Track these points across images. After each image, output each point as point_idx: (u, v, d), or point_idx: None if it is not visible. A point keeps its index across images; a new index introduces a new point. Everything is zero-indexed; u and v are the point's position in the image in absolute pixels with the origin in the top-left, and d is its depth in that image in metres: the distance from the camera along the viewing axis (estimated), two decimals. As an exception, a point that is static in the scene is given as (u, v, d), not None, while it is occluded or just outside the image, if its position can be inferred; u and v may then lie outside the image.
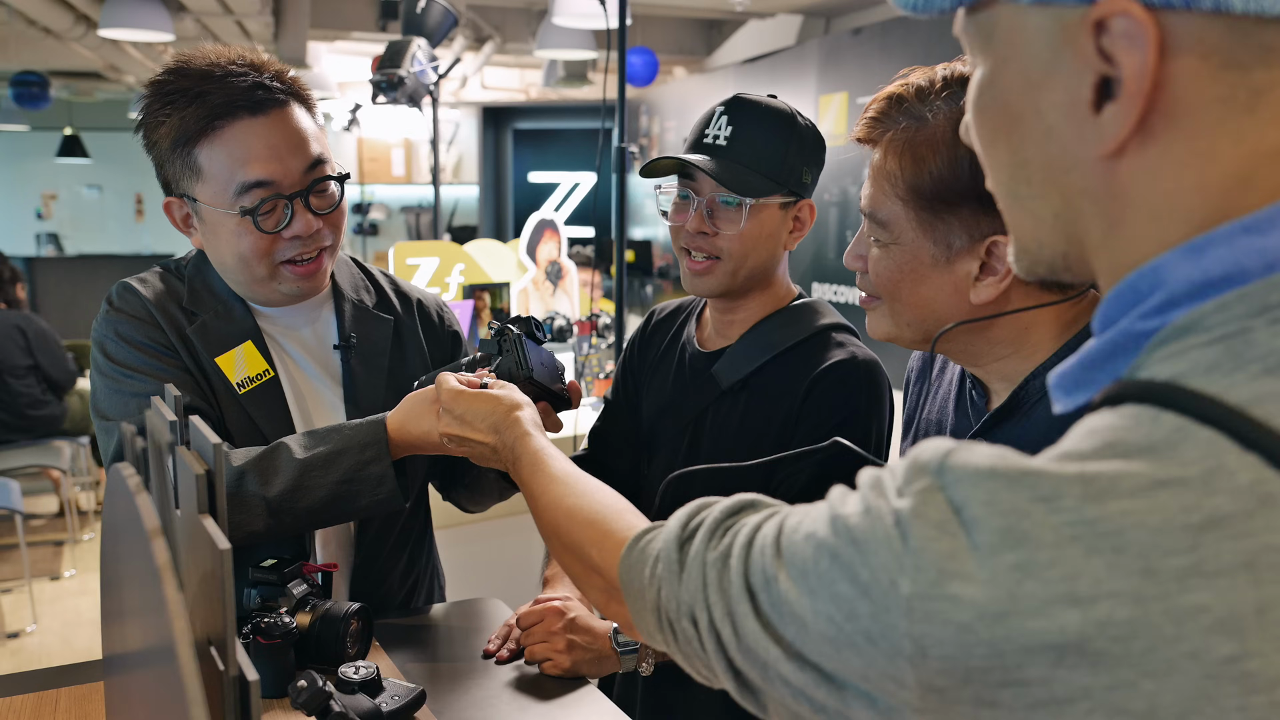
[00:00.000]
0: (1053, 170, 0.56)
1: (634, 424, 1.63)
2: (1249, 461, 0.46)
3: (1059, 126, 0.55)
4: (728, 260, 1.45)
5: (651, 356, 1.64)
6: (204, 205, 1.32)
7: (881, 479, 0.56)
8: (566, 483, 0.98)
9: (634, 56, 4.95)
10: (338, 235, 1.39)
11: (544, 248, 3.85)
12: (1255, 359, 0.48)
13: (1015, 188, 0.60)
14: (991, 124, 0.59)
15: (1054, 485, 0.48)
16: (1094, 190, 0.55)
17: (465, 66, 7.65)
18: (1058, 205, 0.57)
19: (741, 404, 1.48)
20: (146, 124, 1.32)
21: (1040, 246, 0.60)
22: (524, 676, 1.33)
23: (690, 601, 0.68)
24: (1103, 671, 0.45)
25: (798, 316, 1.49)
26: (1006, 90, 0.57)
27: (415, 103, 3.41)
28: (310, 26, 6.00)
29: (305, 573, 1.34)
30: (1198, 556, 0.45)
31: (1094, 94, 0.53)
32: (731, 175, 1.40)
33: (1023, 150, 0.58)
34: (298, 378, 1.44)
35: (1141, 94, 0.51)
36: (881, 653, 0.52)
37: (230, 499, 1.25)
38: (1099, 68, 0.52)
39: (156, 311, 1.35)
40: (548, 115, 9.45)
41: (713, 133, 1.44)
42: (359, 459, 1.28)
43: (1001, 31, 0.56)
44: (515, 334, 1.33)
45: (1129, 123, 0.51)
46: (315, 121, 1.39)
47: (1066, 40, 0.53)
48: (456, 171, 9.48)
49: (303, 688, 0.98)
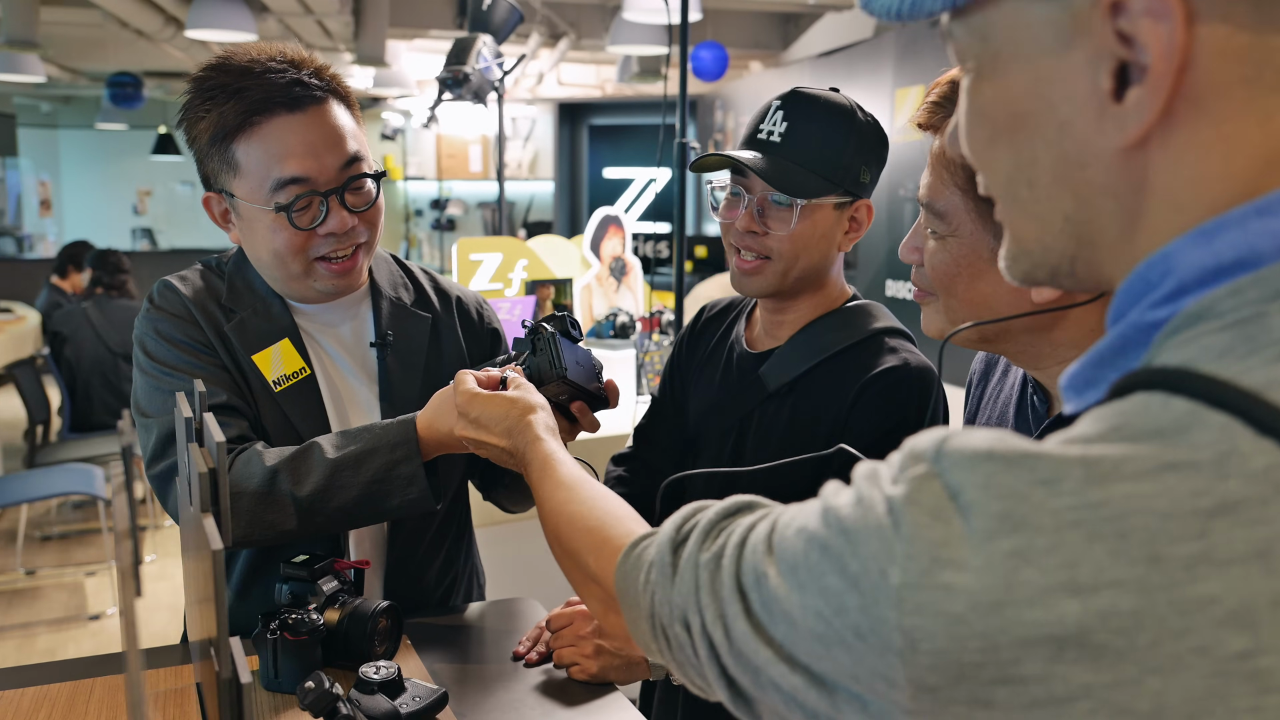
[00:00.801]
0: (1066, 167, 0.53)
1: (679, 422, 1.60)
2: (1264, 446, 0.43)
3: (1074, 121, 0.52)
4: (778, 260, 1.41)
5: (700, 355, 1.61)
6: (241, 201, 1.32)
7: (878, 470, 0.54)
8: (571, 489, 0.96)
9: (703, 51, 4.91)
10: (374, 233, 1.39)
11: (608, 243, 3.84)
12: (1271, 343, 0.45)
13: (1015, 190, 0.56)
14: (991, 127, 0.56)
15: (1055, 468, 0.45)
16: (1113, 185, 0.52)
17: (541, 63, 7.69)
18: (1069, 206, 0.54)
19: (788, 408, 1.44)
20: (187, 119, 1.33)
21: (1045, 250, 0.57)
22: (551, 681, 1.31)
23: (683, 605, 0.66)
24: (1105, 667, 0.43)
25: (850, 319, 1.44)
26: (1010, 89, 0.54)
27: (481, 99, 3.42)
28: (389, 25, 6.10)
29: (337, 569, 1.34)
30: (1208, 543, 0.42)
31: (1114, 81, 0.50)
32: (783, 175, 1.36)
33: (1030, 149, 0.54)
34: (334, 375, 1.44)
35: (1169, 73, 0.48)
36: (871, 649, 0.49)
37: (263, 498, 1.26)
38: (1118, 52, 0.49)
39: (195, 309, 1.37)
40: (623, 111, 9.46)
41: (767, 128, 1.40)
42: (389, 459, 1.27)
43: (1001, 30, 0.54)
44: (550, 332, 1.31)
45: (1155, 108, 0.48)
46: (355, 119, 1.39)
47: (1078, 28, 0.50)
48: (532, 167, 9.55)
49: (310, 689, 0.98)
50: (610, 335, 3.69)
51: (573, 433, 1.35)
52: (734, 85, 7.86)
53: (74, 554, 4.61)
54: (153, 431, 1.32)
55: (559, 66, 7.88)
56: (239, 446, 1.31)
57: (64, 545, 4.72)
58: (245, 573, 1.40)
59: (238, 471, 1.27)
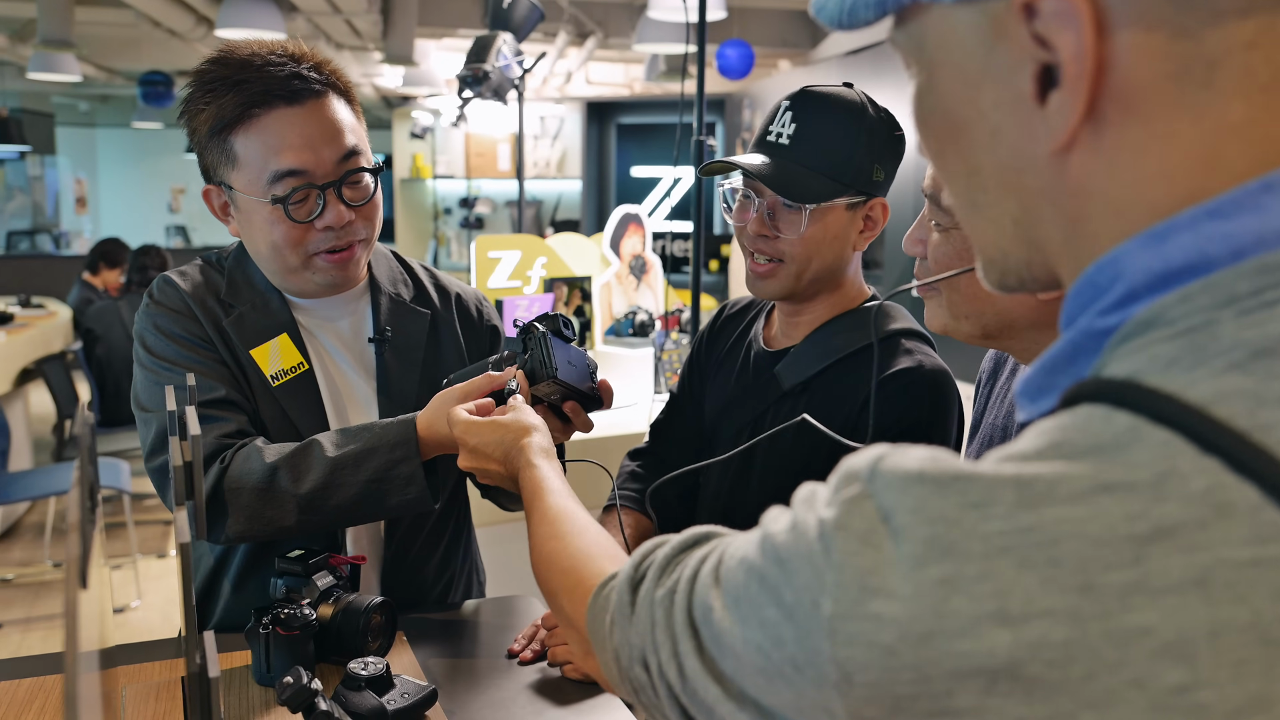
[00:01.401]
0: (1005, 173, 0.52)
1: (696, 419, 1.59)
2: (1206, 465, 0.41)
3: (1004, 126, 0.50)
4: (791, 264, 1.39)
5: (718, 352, 1.60)
6: (239, 193, 1.33)
7: (815, 491, 0.52)
8: (553, 523, 0.94)
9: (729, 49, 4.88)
10: (372, 227, 1.39)
11: (628, 241, 3.83)
12: (1219, 353, 0.43)
13: (973, 196, 0.55)
14: (937, 135, 0.55)
15: (986, 490, 0.43)
16: (1050, 190, 0.50)
17: (569, 62, 7.70)
18: (1015, 210, 0.53)
19: (801, 408, 1.42)
20: (187, 111, 1.34)
21: (1005, 255, 0.55)
22: (545, 679, 1.31)
23: (641, 645, 0.65)
24: (1038, 700, 0.41)
25: (866, 320, 1.43)
26: (945, 97, 0.53)
27: (501, 97, 3.42)
28: (418, 24, 6.13)
29: (332, 565, 1.34)
30: (1142, 571, 0.40)
31: (1036, 85, 0.48)
32: (789, 180, 1.35)
33: (972, 157, 0.53)
34: (332, 371, 1.44)
35: (1084, 76, 0.46)
36: (809, 681, 0.48)
37: (262, 494, 1.27)
38: (1037, 55, 0.47)
39: (194, 304, 1.37)
40: (651, 110, 9.45)
41: (776, 130, 1.38)
42: (389, 458, 1.27)
43: (932, 37, 0.52)
44: (541, 332, 1.30)
45: (1076, 110, 0.47)
46: (355, 114, 1.39)
47: (999, 33, 0.49)
48: (560, 166, 9.56)
49: (288, 684, 0.97)
50: (629, 333, 3.68)
51: (566, 433, 1.34)
52: (762, 84, 7.82)
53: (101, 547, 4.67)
54: (151, 426, 1.33)
55: (587, 65, 7.89)
56: (239, 442, 1.31)
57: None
58: (242, 567, 1.41)
59: (238, 467, 1.28)
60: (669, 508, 1.59)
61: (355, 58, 7.89)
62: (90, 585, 0.58)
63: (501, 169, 9.35)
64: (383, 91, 9.49)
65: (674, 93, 8.20)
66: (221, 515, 1.27)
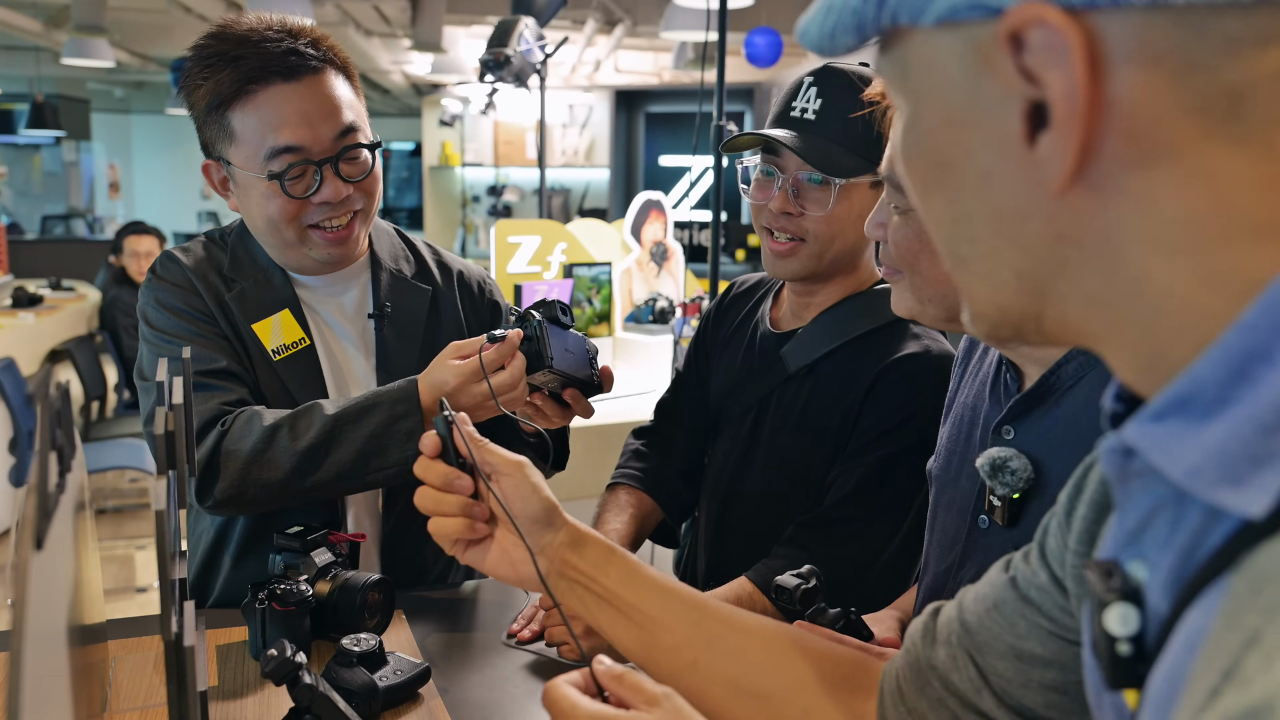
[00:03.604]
0: (1003, 221, 0.46)
1: (701, 399, 1.58)
2: None
3: (996, 169, 0.45)
4: (813, 243, 1.37)
5: (724, 332, 1.59)
6: (237, 169, 1.33)
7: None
8: None
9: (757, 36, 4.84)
10: (370, 202, 1.39)
11: (649, 228, 3.81)
12: None
13: (958, 248, 0.49)
14: (922, 175, 0.50)
15: None
16: (1070, 232, 0.44)
17: (598, 50, 7.68)
18: (1019, 261, 0.46)
19: (806, 390, 1.41)
20: (186, 86, 1.34)
21: (1001, 312, 0.49)
22: (541, 660, 1.30)
23: None
24: None
25: (875, 302, 1.41)
26: (930, 133, 0.48)
27: (522, 82, 3.41)
28: (446, 11, 6.13)
29: (331, 541, 1.34)
30: None
31: (1026, 125, 0.43)
32: (819, 153, 1.32)
33: (960, 202, 0.47)
34: (333, 346, 1.45)
35: (1076, 117, 0.41)
36: None
37: (258, 455, 1.27)
38: (1025, 91, 0.42)
39: (196, 279, 1.37)
40: (679, 98, 9.41)
41: (800, 105, 1.36)
42: (390, 414, 1.28)
43: (915, 65, 0.47)
44: (537, 320, 1.29)
45: (1070, 153, 0.42)
46: (354, 90, 1.38)
47: (983, 63, 0.43)
48: (588, 155, 9.54)
49: (272, 656, 0.97)
50: (650, 320, 3.67)
51: (566, 417, 1.33)
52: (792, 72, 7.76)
53: (126, 527, 4.72)
54: (150, 395, 1.34)
55: (616, 53, 7.86)
56: (240, 410, 1.31)
57: (117, 519, 4.83)
58: (241, 543, 1.41)
59: (238, 430, 1.28)
60: (673, 488, 1.58)
61: (384, 44, 7.91)
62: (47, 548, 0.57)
63: (529, 157, 9.35)
64: (412, 79, 9.52)
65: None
66: (214, 479, 1.27)
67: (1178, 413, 0.42)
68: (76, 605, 0.80)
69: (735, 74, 2.66)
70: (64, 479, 0.68)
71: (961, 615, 0.75)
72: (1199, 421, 0.41)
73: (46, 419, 0.61)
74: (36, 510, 0.57)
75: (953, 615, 0.76)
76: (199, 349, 1.32)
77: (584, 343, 1.35)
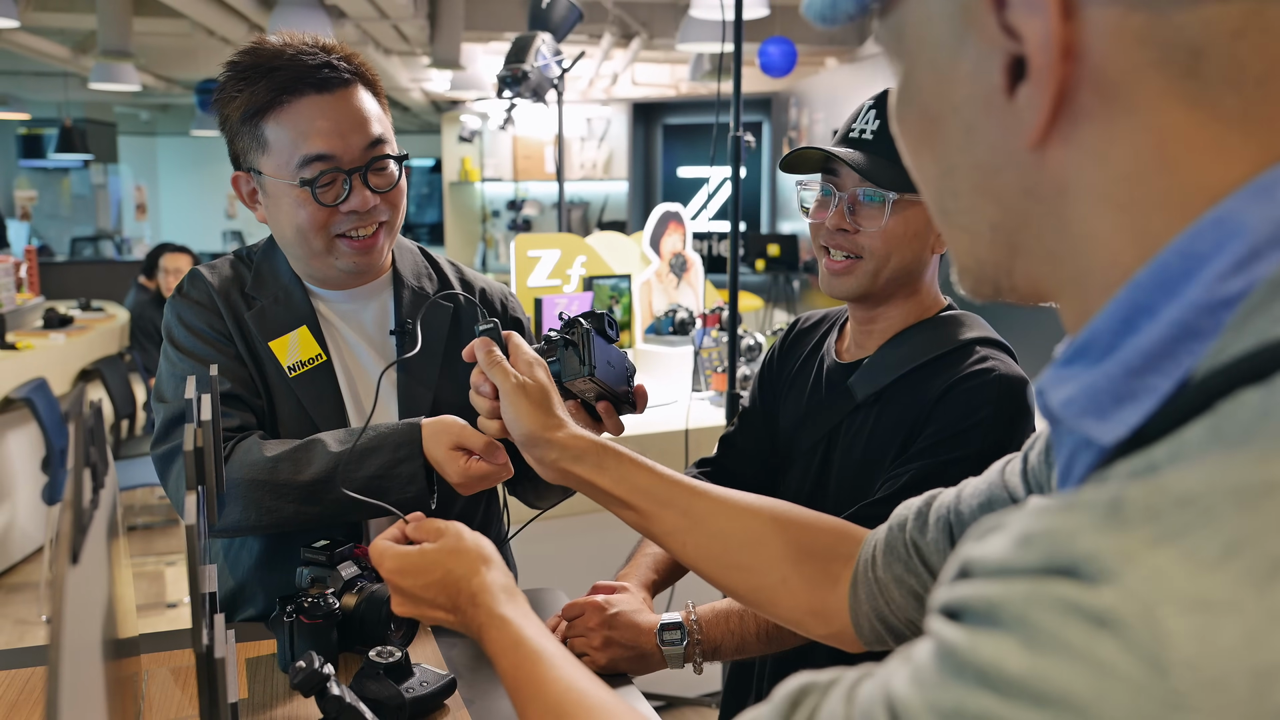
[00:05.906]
0: (982, 173, 0.49)
1: (769, 434, 1.58)
2: None
3: (978, 122, 0.48)
4: (869, 259, 1.37)
5: (790, 368, 1.58)
6: (268, 178, 1.37)
7: None
8: (561, 712, 0.84)
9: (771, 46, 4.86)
10: (395, 215, 1.42)
11: (668, 240, 3.83)
12: None
13: (944, 203, 0.53)
14: (913, 133, 0.53)
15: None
16: (1035, 188, 0.47)
17: (615, 63, 7.72)
18: (994, 214, 0.50)
19: (873, 418, 1.40)
20: (220, 99, 1.38)
21: (980, 265, 0.53)
22: (566, 670, 1.31)
23: None
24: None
25: (941, 328, 1.40)
26: (921, 91, 0.51)
27: (540, 97, 3.44)
28: (464, 28, 6.19)
29: (357, 555, 1.36)
30: None
31: (1005, 78, 0.46)
32: (875, 167, 1.33)
33: (946, 156, 0.51)
34: (350, 363, 1.47)
35: (1049, 67, 0.44)
36: None
37: (261, 484, 1.30)
38: (1007, 46, 0.45)
39: (219, 298, 1.41)
40: (696, 110, 9.44)
41: (859, 126, 1.38)
42: (393, 457, 1.30)
43: (909, 27, 0.51)
44: (585, 328, 1.30)
45: (1044, 104, 0.44)
46: (381, 105, 1.42)
47: (969, 21, 0.47)
48: (607, 168, 9.59)
49: (300, 668, 0.99)
50: (669, 332, 3.68)
51: (596, 431, 1.34)
52: (809, 81, 7.78)
53: (156, 544, 4.78)
54: (160, 414, 1.37)
55: (633, 66, 7.90)
56: (241, 435, 1.34)
57: (147, 535, 4.89)
58: (261, 556, 1.44)
59: (237, 458, 1.31)
60: None
61: (403, 63, 7.99)
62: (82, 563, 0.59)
63: (548, 171, 9.41)
64: (431, 96, 9.60)
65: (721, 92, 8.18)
66: (219, 504, 1.29)
67: (1079, 359, 0.46)
68: (110, 619, 0.82)
69: (752, 84, 2.67)
70: (97, 495, 0.71)
71: (958, 505, 0.85)
72: (1090, 367, 0.46)
73: (80, 436, 0.63)
74: (72, 525, 0.59)
75: (950, 504, 0.86)
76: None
77: (625, 359, 1.36)
